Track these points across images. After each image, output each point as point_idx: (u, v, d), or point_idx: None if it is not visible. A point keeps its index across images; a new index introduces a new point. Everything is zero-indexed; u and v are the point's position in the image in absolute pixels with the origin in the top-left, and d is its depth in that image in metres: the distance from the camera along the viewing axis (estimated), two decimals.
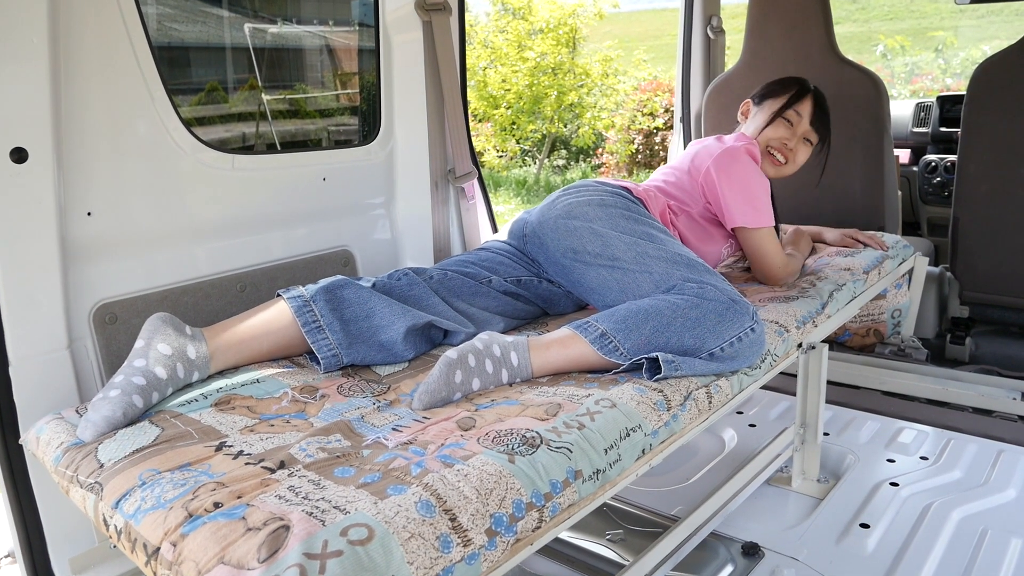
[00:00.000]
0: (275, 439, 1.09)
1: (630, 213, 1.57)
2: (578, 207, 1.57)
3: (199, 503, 0.90)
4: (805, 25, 2.52)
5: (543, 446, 1.01)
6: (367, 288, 1.41)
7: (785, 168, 1.92)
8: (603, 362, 1.31)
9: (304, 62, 2.10)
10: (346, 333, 1.35)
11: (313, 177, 1.75)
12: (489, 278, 1.57)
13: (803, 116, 1.88)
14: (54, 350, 1.32)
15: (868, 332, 2.60)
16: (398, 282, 1.46)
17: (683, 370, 1.27)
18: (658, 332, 1.31)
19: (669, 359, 1.26)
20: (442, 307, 1.47)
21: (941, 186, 3.38)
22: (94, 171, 1.37)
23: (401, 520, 0.85)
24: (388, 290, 1.44)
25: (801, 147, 1.91)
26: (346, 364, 1.36)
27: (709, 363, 1.31)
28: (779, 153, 1.89)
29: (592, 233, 1.52)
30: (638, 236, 1.51)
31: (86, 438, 1.10)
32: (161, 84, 1.44)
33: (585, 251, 1.52)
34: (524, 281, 1.61)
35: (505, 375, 1.27)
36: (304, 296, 1.35)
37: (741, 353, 1.35)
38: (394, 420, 1.16)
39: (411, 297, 1.45)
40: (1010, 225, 2.43)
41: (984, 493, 1.70)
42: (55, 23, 1.25)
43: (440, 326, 1.44)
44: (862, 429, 2.04)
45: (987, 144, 2.41)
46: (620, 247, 1.49)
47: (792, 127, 1.89)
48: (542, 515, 0.95)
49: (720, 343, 1.33)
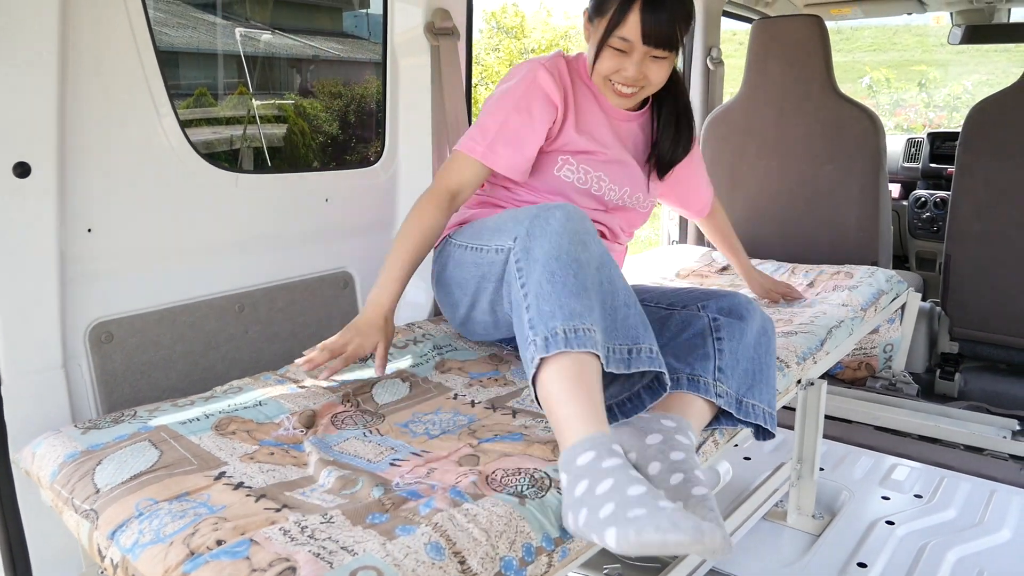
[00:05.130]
0: (275, 472, 1.07)
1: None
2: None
3: (201, 540, 0.88)
4: (805, 61, 2.55)
5: (552, 489, 1.00)
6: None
7: (640, 93, 1.51)
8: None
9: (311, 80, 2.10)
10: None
11: (316, 198, 1.73)
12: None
13: (632, 40, 1.40)
14: (48, 368, 1.29)
15: (860, 365, 2.61)
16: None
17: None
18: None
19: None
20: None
21: (930, 221, 3.42)
22: (96, 187, 1.34)
23: (411, 563, 0.83)
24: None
25: (652, 67, 1.46)
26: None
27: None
28: (624, 86, 1.48)
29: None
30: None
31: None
32: (168, 101, 1.42)
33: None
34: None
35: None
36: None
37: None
38: (390, 454, 1.14)
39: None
40: (1001, 264, 2.46)
41: (979, 533, 1.70)
42: (64, 36, 1.23)
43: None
44: (856, 465, 2.05)
45: (980, 184, 2.45)
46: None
47: (625, 54, 1.45)
48: (551, 559, 0.94)
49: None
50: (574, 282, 1.10)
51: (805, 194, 2.62)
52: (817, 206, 2.60)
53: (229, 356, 1.57)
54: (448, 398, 1.35)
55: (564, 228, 1.16)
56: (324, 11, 3.22)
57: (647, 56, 1.43)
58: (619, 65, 1.45)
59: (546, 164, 1.53)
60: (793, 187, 2.64)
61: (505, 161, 1.46)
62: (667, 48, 1.42)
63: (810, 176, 2.60)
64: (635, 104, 1.57)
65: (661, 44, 1.40)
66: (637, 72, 1.44)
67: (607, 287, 1.16)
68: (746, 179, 2.75)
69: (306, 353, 1.31)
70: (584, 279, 1.11)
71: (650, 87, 1.50)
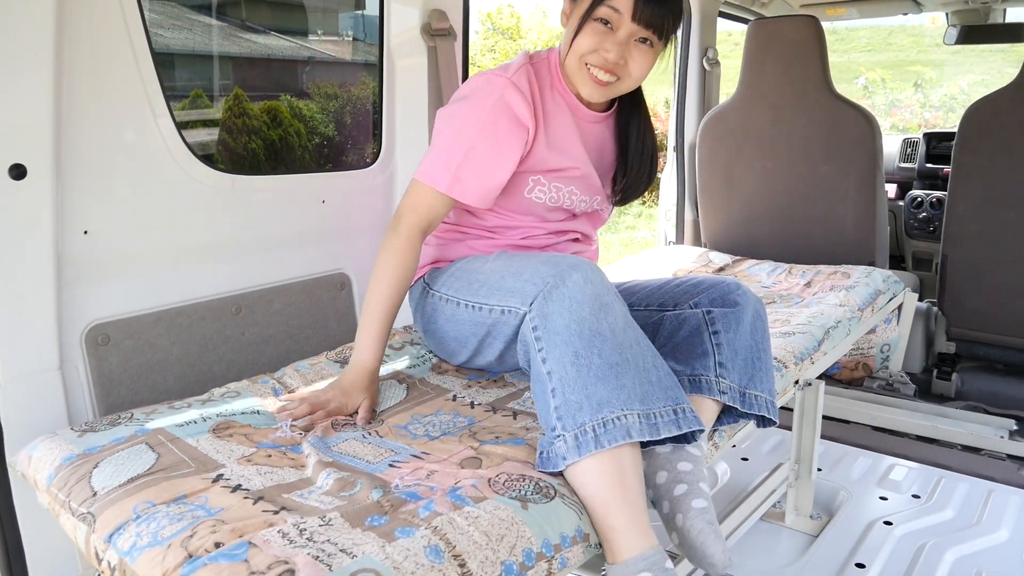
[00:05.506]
0: (273, 475, 1.06)
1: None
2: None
3: (199, 542, 0.87)
4: (801, 61, 2.55)
5: (557, 497, 1.00)
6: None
7: (617, 85, 1.38)
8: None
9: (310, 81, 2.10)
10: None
11: (312, 199, 1.73)
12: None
13: (622, 11, 1.30)
14: (45, 371, 1.28)
15: (857, 366, 2.62)
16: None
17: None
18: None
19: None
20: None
21: (926, 221, 3.43)
22: (92, 189, 1.34)
23: (410, 566, 0.83)
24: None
25: (634, 53, 1.34)
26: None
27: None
28: (601, 71, 1.34)
29: None
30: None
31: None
32: (164, 102, 1.42)
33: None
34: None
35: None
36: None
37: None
38: (389, 456, 1.14)
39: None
40: (998, 264, 2.47)
41: (977, 533, 1.71)
42: (60, 38, 1.23)
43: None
44: (854, 465, 2.05)
45: (977, 184, 2.45)
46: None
47: (610, 31, 1.32)
48: (551, 566, 0.93)
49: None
50: (599, 362, 1.05)
51: (802, 194, 2.62)
52: (814, 206, 2.60)
53: (226, 358, 1.57)
54: (447, 399, 1.35)
55: (584, 294, 1.10)
56: (319, 12, 3.22)
57: (632, 38, 1.33)
58: (600, 43, 1.32)
59: (516, 186, 1.42)
60: (790, 187, 2.65)
61: (473, 193, 1.35)
62: (655, 31, 1.32)
63: (806, 176, 2.60)
64: (604, 104, 1.47)
65: (651, 24, 1.31)
66: (619, 54, 1.32)
67: (636, 349, 1.10)
68: (742, 180, 2.75)
69: (287, 401, 1.29)
70: (610, 355, 1.06)
71: (628, 80, 1.37)
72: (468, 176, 1.34)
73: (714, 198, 2.84)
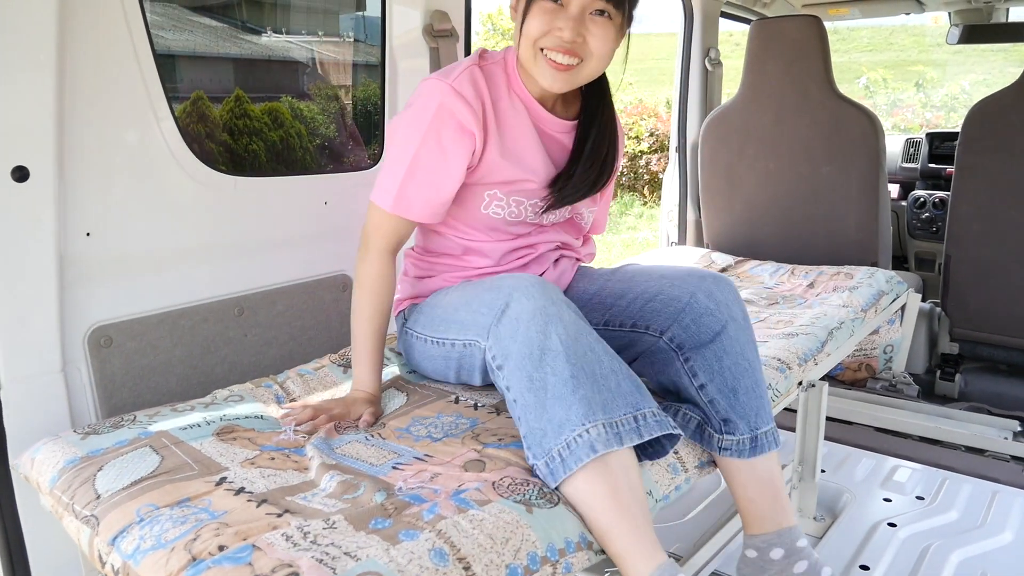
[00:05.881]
0: (277, 478, 1.06)
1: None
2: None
3: (203, 545, 0.87)
4: (803, 62, 2.55)
5: (561, 503, 1.00)
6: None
7: (581, 68, 1.24)
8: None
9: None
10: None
11: (314, 201, 1.73)
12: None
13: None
14: (47, 373, 1.28)
15: (860, 367, 2.61)
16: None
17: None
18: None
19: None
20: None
21: (929, 221, 3.42)
22: (95, 191, 1.34)
23: (414, 569, 0.83)
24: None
25: (592, 28, 1.21)
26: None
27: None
28: (559, 53, 1.21)
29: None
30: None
31: None
32: (166, 104, 1.42)
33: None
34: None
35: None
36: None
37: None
38: (393, 458, 1.13)
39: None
40: (1001, 265, 2.46)
41: (982, 535, 1.70)
42: (62, 40, 1.22)
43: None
44: (857, 466, 2.04)
45: (980, 184, 2.45)
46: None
47: (560, 6, 1.20)
48: (555, 571, 0.93)
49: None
50: (554, 380, 1.03)
51: (804, 195, 2.62)
52: (816, 207, 2.60)
53: (228, 360, 1.57)
54: (449, 401, 1.34)
55: (526, 312, 1.08)
56: (320, 14, 3.22)
57: (586, 11, 1.20)
58: (552, 22, 1.19)
59: (470, 200, 1.34)
60: (792, 188, 2.64)
61: (420, 210, 1.30)
62: (610, 1, 1.19)
63: (809, 177, 2.60)
64: (573, 110, 1.38)
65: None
66: (574, 31, 1.19)
67: (590, 356, 1.06)
68: (745, 180, 2.75)
69: (291, 407, 1.30)
70: (563, 369, 1.03)
71: (591, 60, 1.23)
72: (413, 192, 1.28)
73: (716, 198, 2.84)
